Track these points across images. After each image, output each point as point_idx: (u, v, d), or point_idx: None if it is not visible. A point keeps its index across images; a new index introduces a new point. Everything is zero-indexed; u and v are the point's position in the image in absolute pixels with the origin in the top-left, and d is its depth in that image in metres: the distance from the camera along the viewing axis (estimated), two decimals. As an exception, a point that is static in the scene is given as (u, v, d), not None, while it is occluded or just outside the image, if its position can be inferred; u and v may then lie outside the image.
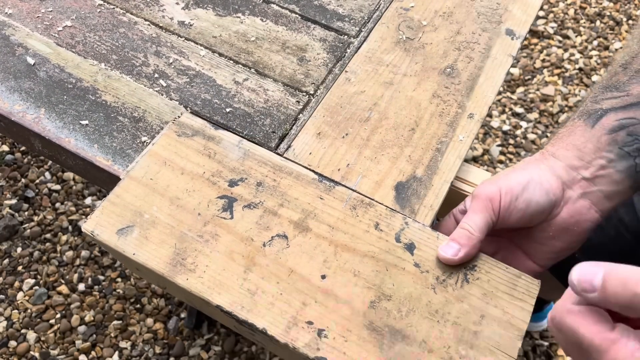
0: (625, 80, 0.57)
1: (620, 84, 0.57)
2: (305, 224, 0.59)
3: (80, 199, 1.38)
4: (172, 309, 1.23)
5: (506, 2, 0.81)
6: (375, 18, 0.80)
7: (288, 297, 0.55)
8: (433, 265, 0.57)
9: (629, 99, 0.55)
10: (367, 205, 0.61)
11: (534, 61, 1.70)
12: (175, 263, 0.56)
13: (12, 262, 1.28)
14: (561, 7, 1.83)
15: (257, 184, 0.62)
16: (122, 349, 1.18)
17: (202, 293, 0.55)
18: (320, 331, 0.53)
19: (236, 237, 0.58)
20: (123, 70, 0.73)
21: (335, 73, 0.74)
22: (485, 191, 0.55)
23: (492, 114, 1.59)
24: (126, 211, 0.59)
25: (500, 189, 0.55)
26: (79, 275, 1.26)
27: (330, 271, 0.56)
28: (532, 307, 0.54)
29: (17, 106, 0.69)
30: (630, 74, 0.57)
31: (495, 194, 0.54)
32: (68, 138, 0.66)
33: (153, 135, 0.67)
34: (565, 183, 0.55)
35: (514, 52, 0.76)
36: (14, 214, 1.34)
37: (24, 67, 0.72)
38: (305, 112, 0.70)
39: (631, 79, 0.56)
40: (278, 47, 0.77)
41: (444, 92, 0.72)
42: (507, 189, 0.55)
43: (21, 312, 1.21)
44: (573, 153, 0.56)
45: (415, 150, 0.66)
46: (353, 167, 0.65)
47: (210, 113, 0.70)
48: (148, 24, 0.79)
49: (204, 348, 1.18)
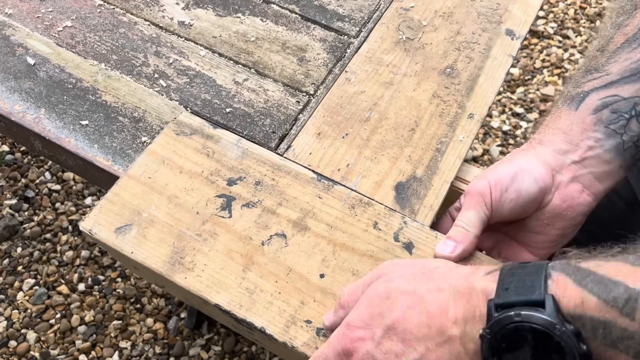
0: (604, 61, 0.56)
1: (599, 65, 0.57)
2: (303, 223, 0.59)
3: (80, 199, 1.38)
4: (172, 309, 1.23)
5: (506, 2, 0.81)
6: (375, 18, 0.80)
7: (286, 296, 0.55)
8: (432, 264, 0.57)
9: (609, 78, 0.55)
10: (366, 204, 0.61)
11: (534, 61, 1.70)
12: (173, 262, 0.56)
13: (12, 262, 1.28)
14: (561, 7, 1.83)
15: (256, 183, 0.62)
16: (122, 349, 1.18)
17: (201, 292, 0.55)
18: (319, 330, 0.53)
19: (235, 236, 0.58)
20: (123, 71, 0.73)
21: (335, 73, 0.74)
22: (476, 187, 0.55)
23: (492, 114, 1.59)
24: (124, 210, 0.59)
25: (489, 183, 0.55)
26: (79, 275, 1.26)
27: (329, 270, 0.56)
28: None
29: (17, 106, 0.69)
30: (608, 55, 0.57)
31: (485, 189, 0.55)
32: (68, 138, 0.67)
33: (153, 136, 0.67)
34: (554, 169, 0.55)
35: (514, 52, 0.76)
36: (14, 214, 1.34)
37: (24, 67, 0.72)
38: (305, 112, 0.70)
39: (609, 59, 0.56)
40: (278, 47, 0.77)
41: (444, 92, 0.72)
42: (496, 181, 0.55)
43: (21, 312, 1.22)
44: (560, 137, 0.56)
45: (415, 151, 0.66)
46: (353, 167, 0.65)
47: (210, 113, 0.70)
48: (148, 24, 0.79)
49: (204, 348, 1.18)
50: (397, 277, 0.46)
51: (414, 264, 0.49)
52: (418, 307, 0.43)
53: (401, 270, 0.48)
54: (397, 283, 0.46)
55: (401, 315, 0.43)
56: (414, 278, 0.46)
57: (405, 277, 0.46)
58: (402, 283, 0.45)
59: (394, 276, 0.47)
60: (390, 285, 0.46)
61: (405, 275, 0.46)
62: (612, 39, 0.58)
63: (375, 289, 0.47)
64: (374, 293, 0.46)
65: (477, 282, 0.42)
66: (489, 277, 0.42)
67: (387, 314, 0.44)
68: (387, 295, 0.45)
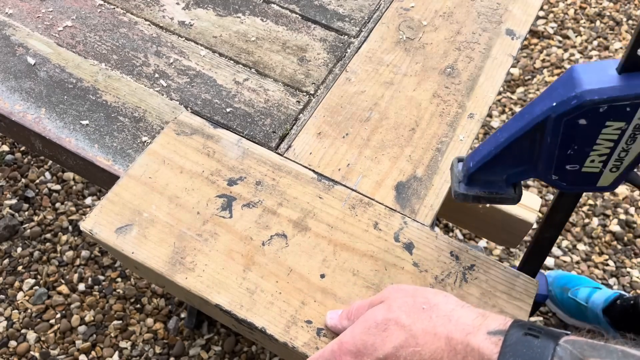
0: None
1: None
2: (304, 223, 0.59)
3: (80, 199, 1.38)
4: (172, 309, 1.23)
5: (506, 2, 0.81)
6: (376, 18, 0.80)
7: (287, 296, 0.55)
8: (432, 264, 0.57)
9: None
10: (366, 204, 0.61)
11: (534, 61, 1.70)
12: (174, 262, 0.56)
13: (12, 262, 1.28)
14: (561, 7, 1.83)
15: (256, 183, 0.62)
16: (122, 349, 1.18)
17: (201, 292, 0.55)
18: (319, 330, 0.53)
19: (235, 236, 0.58)
20: (123, 70, 0.73)
21: (336, 73, 0.74)
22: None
23: (492, 114, 1.59)
24: (125, 210, 0.59)
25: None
26: (79, 275, 1.26)
27: (330, 270, 0.56)
28: (530, 306, 0.54)
29: (18, 106, 0.69)
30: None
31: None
32: (68, 138, 0.66)
33: (153, 135, 0.67)
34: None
35: (514, 52, 0.76)
36: (14, 214, 1.34)
37: (25, 67, 0.72)
38: (306, 112, 0.70)
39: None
40: (278, 47, 0.77)
41: (444, 92, 0.72)
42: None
43: (21, 312, 1.21)
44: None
45: (415, 150, 0.66)
46: (353, 167, 0.65)
47: (211, 113, 0.70)
48: (148, 24, 0.79)
49: (204, 348, 1.18)
50: (397, 308, 0.46)
51: (416, 294, 0.47)
52: (411, 348, 0.42)
53: (403, 299, 0.47)
54: (396, 315, 0.45)
55: (393, 353, 0.43)
56: (414, 312, 0.45)
57: (405, 309, 0.45)
58: (400, 315, 0.45)
59: (394, 306, 0.46)
60: (389, 315, 0.45)
61: (406, 307, 0.46)
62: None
63: (374, 315, 0.46)
64: (372, 319, 0.46)
65: (476, 341, 0.40)
66: (492, 340, 0.39)
67: (379, 348, 0.44)
68: (384, 326, 0.45)
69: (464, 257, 0.58)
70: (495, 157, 0.48)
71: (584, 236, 1.37)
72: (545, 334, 0.38)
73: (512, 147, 0.46)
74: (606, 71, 0.41)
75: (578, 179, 0.48)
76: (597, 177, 0.48)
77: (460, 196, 0.52)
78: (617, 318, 1.14)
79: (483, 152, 0.49)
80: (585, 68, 0.41)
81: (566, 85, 0.41)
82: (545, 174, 0.47)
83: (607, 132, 0.42)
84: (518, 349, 0.38)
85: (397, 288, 0.49)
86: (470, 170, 0.50)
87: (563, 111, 0.41)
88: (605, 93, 0.40)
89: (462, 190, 0.52)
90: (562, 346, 0.37)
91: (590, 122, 0.41)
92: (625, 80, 0.40)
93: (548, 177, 0.47)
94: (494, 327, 0.40)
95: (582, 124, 0.42)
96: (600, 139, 0.43)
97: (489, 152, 0.48)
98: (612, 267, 1.32)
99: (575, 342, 0.37)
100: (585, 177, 0.47)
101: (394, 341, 0.43)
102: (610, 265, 1.33)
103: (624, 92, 0.39)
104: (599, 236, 1.37)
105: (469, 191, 0.52)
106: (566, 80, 0.41)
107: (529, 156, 0.47)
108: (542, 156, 0.46)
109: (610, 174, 0.47)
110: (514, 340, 0.38)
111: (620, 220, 1.38)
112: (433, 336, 0.42)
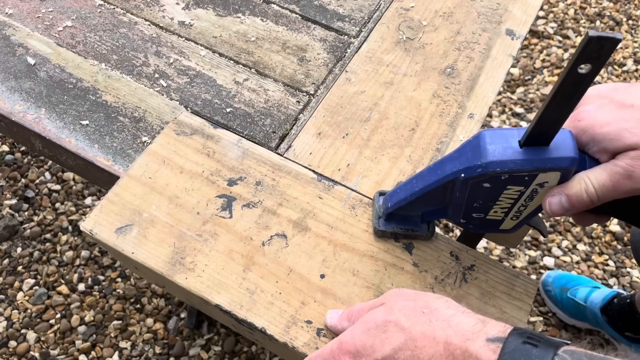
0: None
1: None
2: (304, 223, 0.59)
3: (80, 199, 1.38)
4: (172, 309, 1.23)
5: (506, 2, 0.81)
6: (376, 18, 0.80)
7: (287, 297, 0.55)
8: (432, 264, 0.57)
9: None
10: (366, 204, 0.61)
11: (534, 61, 1.70)
12: (174, 262, 0.56)
13: (12, 262, 1.28)
14: (561, 7, 1.83)
15: (256, 183, 0.62)
16: (122, 349, 1.18)
17: (201, 292, 0.55)
18: (319, 330, 0.53)
19: (235, 236, 0.58)
20: (123, 71, 0.73)
21: (336, 73, 0.74)
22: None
23: (492, 114, 1.59)
24: (125, 210, 0.59)
25: None
26: (79, 275, 1.26)
27: (330, 270, 0.56)
28: (530, 306, 0.54)
29: (18, 106, 0.69)
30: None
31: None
32: (68, 138, 0.67)
33: (153, 135, 0.67)
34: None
35: (514, 52, 0.76)
36: (14, 214, 1.34)
37: (25, 67, 0.72)
38: (306, 112, 0.70)
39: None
40: (278, 47, 0.77)
41: (444, 92, 0.72)
42: None
43: (21, 312, 1.21)
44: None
45: (415, 151, 0.66)
46: (353, 167, 0.65)
47: (211, 113, 0.70)
48: (148, 24, 0.79)
49: (204, 348, 1.18)
50: (397, 310, 0.46)
51: (417, 298, 0.48)
52: (410, 351, 0.42)
53: (403, 302, 0.47)
54: (396, 317, 0.45)
55: (391, 355, 0.43)
56: (414, 315, 0.45)
57: (406, 312, 0.46)
58: (400, 318, 0.45)
59: (395, 308, 0.46)
60: (389, 317, 0.46)
61: (406, 310, 0.46)
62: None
63: (374, 317, 0.47)
64: (372, 321, 0.46)
65: (475, 347, 0.40)
66: (490, 348, 0.39)
67: (378, 349, 0.44)
68: (384, 328, 0.45)
69: (463, 257, 0.58)
70: (410, 202, 0.54)
71: (584, 236, 1.37)
72: (545, 342, 0.38)
73: (426, 196, 0.52)
74: (510, 143, 0.45)
75: (483, 224, 0.54)
76: (500, 223, 0.54)
77: (379, 232, 0.58)
78: (614, 317, 1.14)
79: (400, 196, 0.55)
80: (493, 137, 0.45)
81: (474, 152, 0.46)
82: (454, 218, 0.53)
83: (508, 193, 0.48)
84: (516, 358, 0.37)
85: (398, 292, 0.50)
86: (388, 210, 0.57)
87: (470, 176, 0.46)
88: (507, 166, 0.44)
89: (382, 226, 0.58)
90: (560, 356, 0.37)
91: (493, 185, 0.47)
92: (526, 154, 0.44)
93: (457, 220, 0.53)
94: (493, 334, 0.40)
95: (486, 187, 0.47)
96: (501, 198, 0.49)
97: (405, 198, 0.54)
98: (612, 267, 1.33)
99: (574, 353, 0.37)
100: (490, 222, 0.53)
101: (393, 343, 0.43)
102: (610, 265, 1.33)
103: (524, 165, 0.44)
104: (599, 236, 1.37)
105: (387, 227, 0.58)
106: (474, 148, 0.46)
107: (441, 202, 0.53)
108: (452, 205, 0.52)
109: (511, 221, 0.53)
110: (512, 348, 0.38)
111: (620, 221, 1.38)
112: (432, 340, 0.42)
